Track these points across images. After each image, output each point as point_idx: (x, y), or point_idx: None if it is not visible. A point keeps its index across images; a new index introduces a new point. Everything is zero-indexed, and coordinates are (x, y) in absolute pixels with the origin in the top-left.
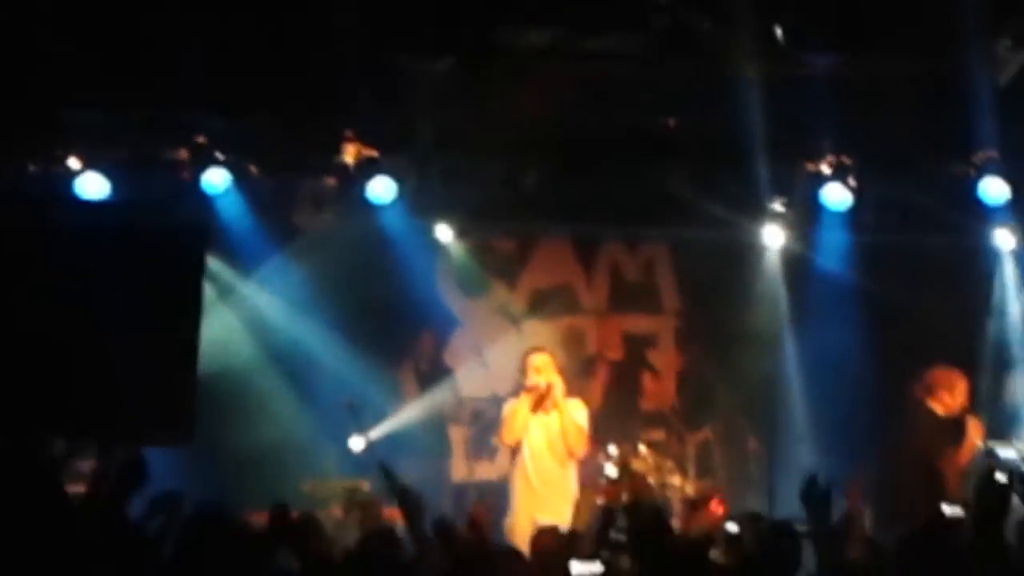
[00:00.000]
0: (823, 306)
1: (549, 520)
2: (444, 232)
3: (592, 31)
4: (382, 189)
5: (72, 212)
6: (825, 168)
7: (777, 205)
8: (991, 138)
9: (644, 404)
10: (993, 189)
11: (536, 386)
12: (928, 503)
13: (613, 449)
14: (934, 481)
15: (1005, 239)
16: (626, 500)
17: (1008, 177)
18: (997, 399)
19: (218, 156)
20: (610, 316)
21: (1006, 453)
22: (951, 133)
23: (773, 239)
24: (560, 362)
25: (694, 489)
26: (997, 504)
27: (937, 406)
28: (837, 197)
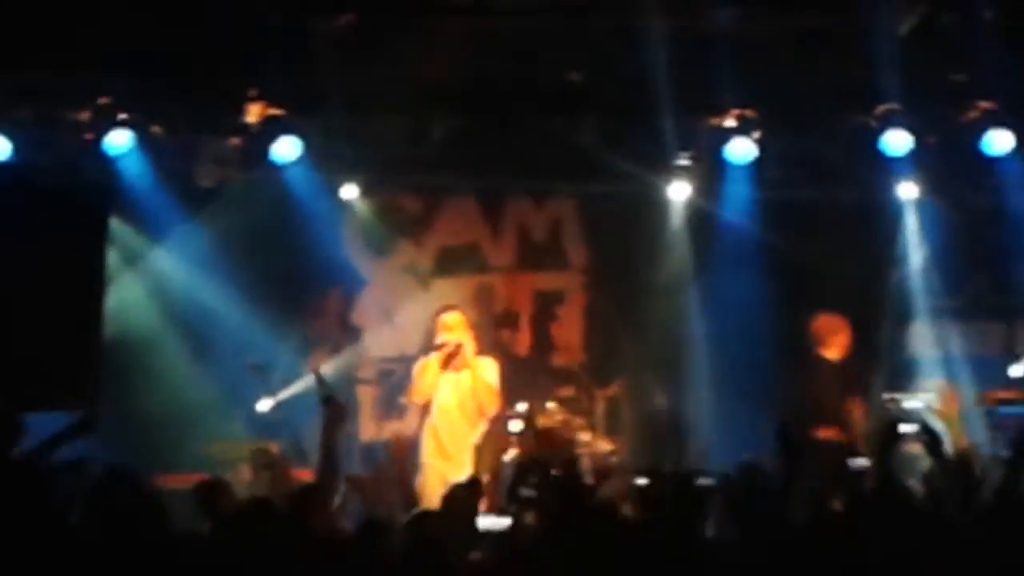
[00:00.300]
0: (729, 260)
1: (459, 479)
2: (350, 191)
3: None
4: (287, 148)
5: None
6: (729, 122)
7: (682, 159)
8: (893, 90)
9: (555, 361)
10: (895, 141)
11: (445, 344)
12: (832, 455)
13: (521, 406)
14: (838, 429)
15: (908, 191)
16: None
17: (910, 128)
18: (900, 350)
19: (121, 116)
20: (520, 273)
21: (911, 404)
22: (853, 86)
23: (678, 193)
24: (471, 319)
25: (604, 445)
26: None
27: (828, 352)
28: (741, 151)
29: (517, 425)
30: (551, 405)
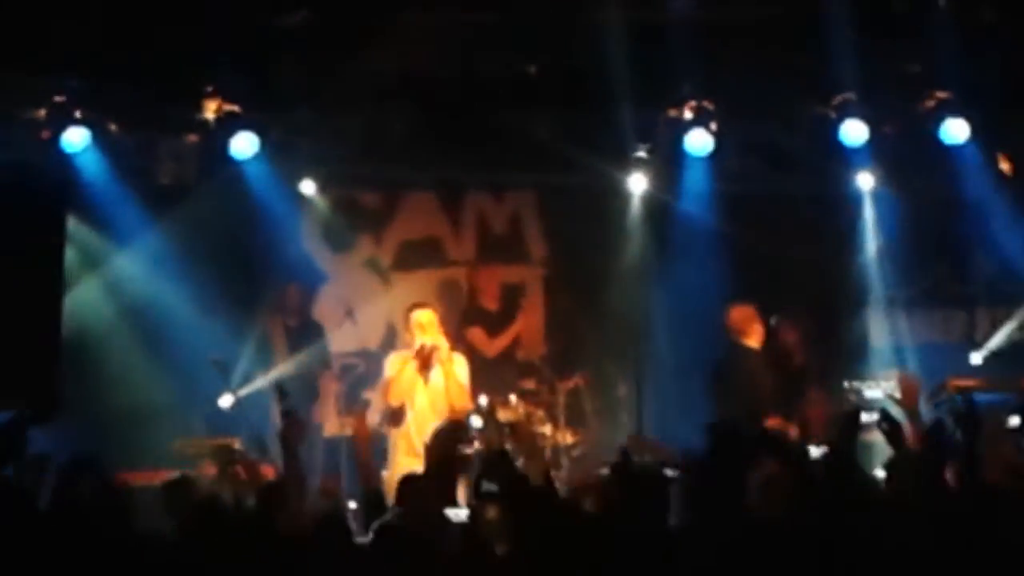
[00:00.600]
0: (688, 251)
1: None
2: (308, 187)
3: None
4: (244, 145)
5: None
6: (687, 114)
7: (640, 151)
8: (850, 81)
9: (518, 354)
10: (853, 131)
11: (423, 347)
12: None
13: (483, 400)
14: (783, 418)
15: (866, 181)
16: (501, 450)
17: (867, 118)
18: (859, 340)
19: (77, 115)
20: (485, 266)
21: (871, 393)
22: (811, 77)
23: (637, 185)
24: (440, 315)
25: (565, 437)
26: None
27: (750, 341)
28: (699, 142)
29: (478, 421)
30: (513, 398)
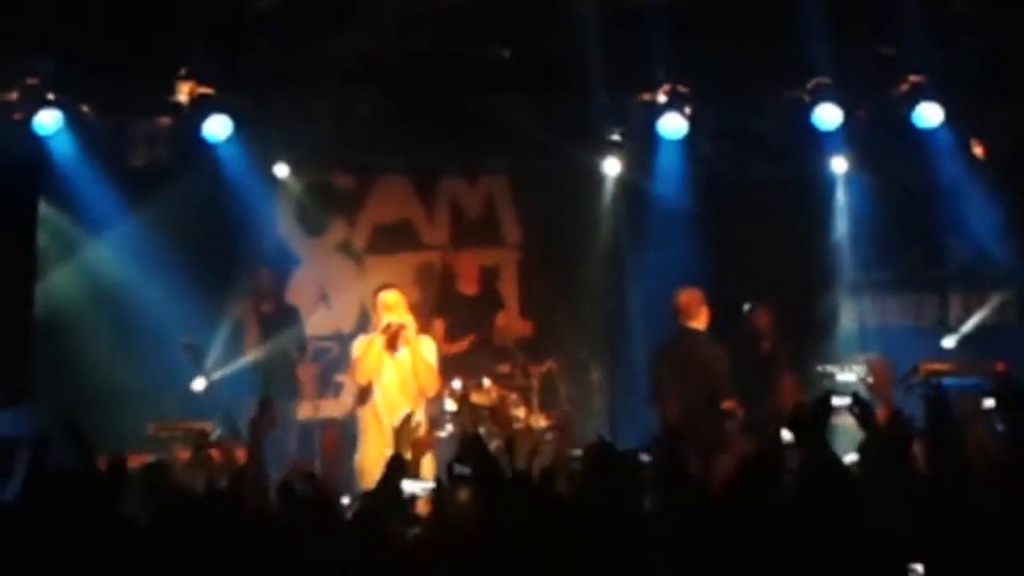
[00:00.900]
0: (662, 234)
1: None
2: (282, 170)
3: None
4: (218, 127)
5: None
6: (661, 97)
7: (614, 135)
8: (823, 65)
9: (495, 338)
10: (827, 115)
11: (389, 325)
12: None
13: (456, 383)
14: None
15: (839, 165)
16: (475, 433)
17: (840, 103)
18: (832, 323)
19: (49, 97)
20: (462, 250)
21: (844, 377)
22: (784, 61)
23: (611, 169)
24: (413, 299)
25: (539, 421)
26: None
27: (697, 324)
28: (673, 126)
29: (452, 405)
30: (487, 382)
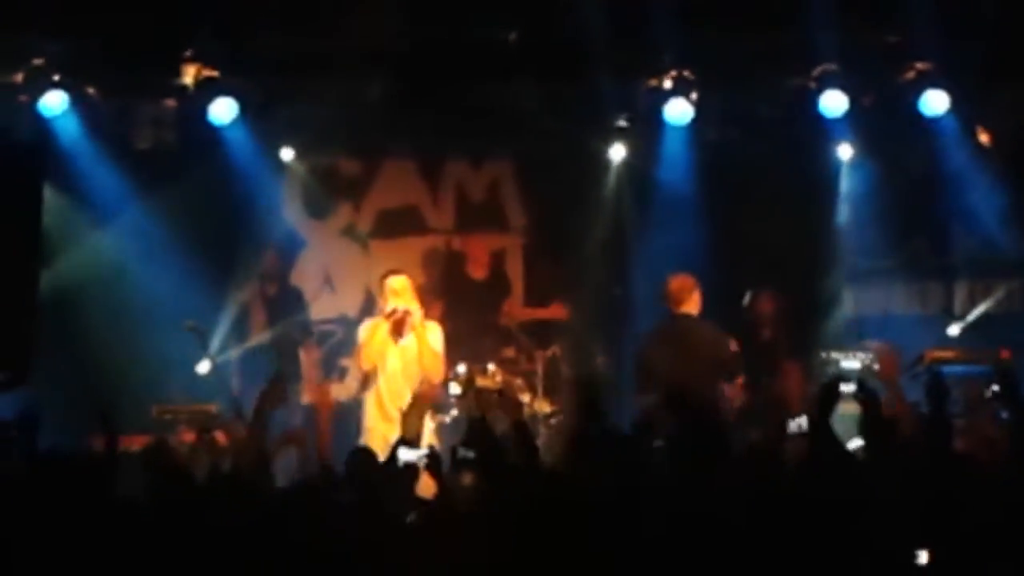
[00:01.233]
0: (667, 220)
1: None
2: (287, 153)
3: None
4: (223, 110)
5: None
6: (667, 83)
7: (620, 120)
8: (830, 51)
9: (501, 321)
10: (832, 102)
11: (395, 311)
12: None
13: (461, 368)
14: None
15: (844, 152)
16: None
17: (846, 89)
18: (838, 310)
19: (55, 78)
20: (473, 234)
21: (849, 364)
22: (791, 47)
23: (616, 154)
24: (420, 283)
25: (543, 406)
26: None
27: (685, 308)
28: (679, 112)
29: (456, 388)
30: (491, 367)
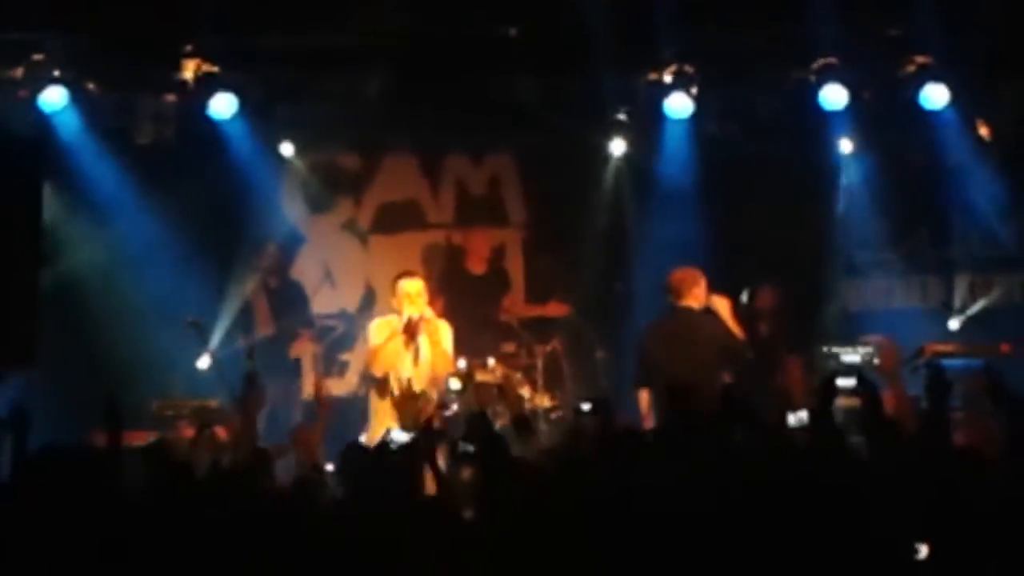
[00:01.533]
0: (667, 214)
1: None
2: (288, 148)
3: None
4: (223, 105)
5: None
6: (668, 77)
7: (621, 114)
8: (830, 45)
9: (501, 317)
10: (833, 96)
11: (409, 321)
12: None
13: (461, 363)
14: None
15: (845, 145)
16: (482, 411)
17: (847, 83)
18: (838, 304)
19: (55, 74)
20: (474, 229)
21: (849, 358)
22: (791, 40)
23: (617, 148)
24: (420, 277)
25: (544, 400)
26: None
27: (686, 302)
28: (679, 106)
29: (457, 384)
30: (491, 361)
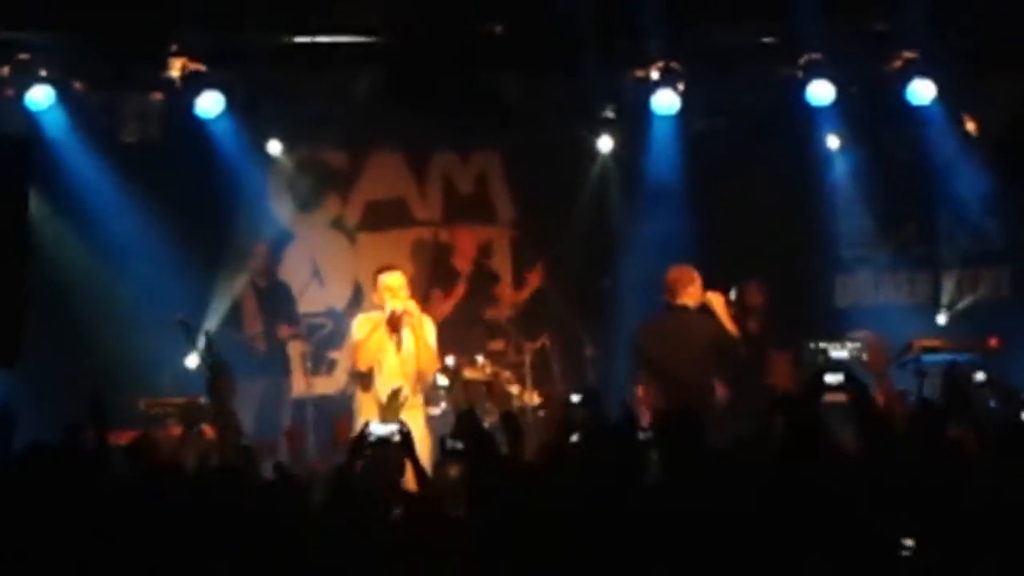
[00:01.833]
0: (654, 210)
1: None
2: (275, 146)
3: None
4: (210, 103)
5: None
6: (654, 74)
7: (607, 111)
8: (816, 41)
9: (489, 315)
10: (819, 92)
11: (392, 315)
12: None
13: (450, 360)
14: None
15: (832, 141)
16: (470, 408)
17: (833, 79)
18: (826, 300)
19: (41, 73)
20: (461, 226)
21: (838, 354)
22: (778, 36)
23: (604, 145)
24: (408, 274)
25: (532, 398)
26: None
27: (681, 300)
28: (666, 103)
29: (444, 381)
30: (480, 359)
